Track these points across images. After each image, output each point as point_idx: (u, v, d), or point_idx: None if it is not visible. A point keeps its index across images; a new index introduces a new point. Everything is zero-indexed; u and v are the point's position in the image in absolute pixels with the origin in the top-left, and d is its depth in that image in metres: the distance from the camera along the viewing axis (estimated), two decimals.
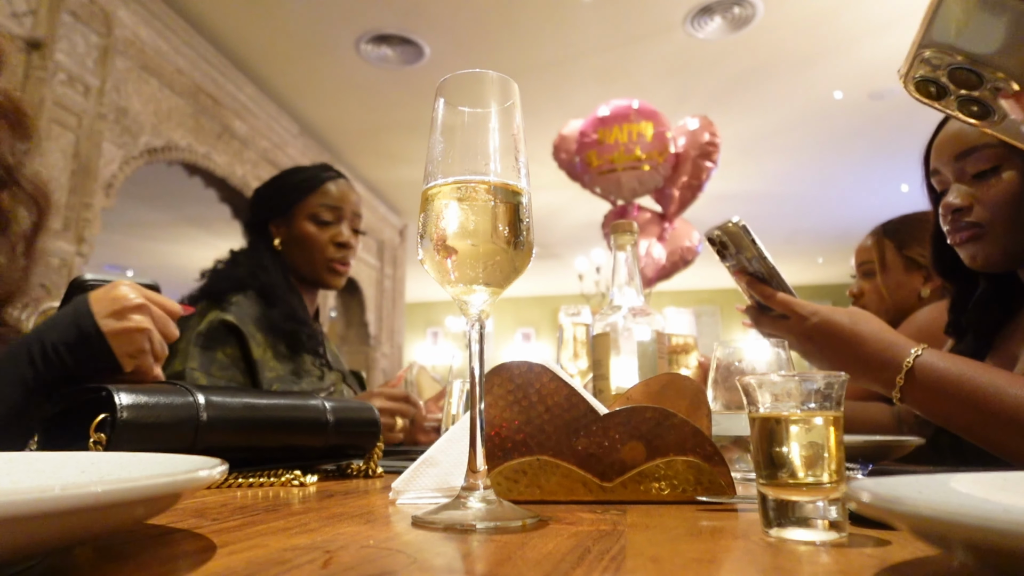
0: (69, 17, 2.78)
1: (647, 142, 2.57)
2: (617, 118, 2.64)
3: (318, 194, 1.50)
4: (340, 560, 0.32)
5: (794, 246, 7.42)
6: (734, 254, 0.90)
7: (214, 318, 1.29)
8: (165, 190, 5.22)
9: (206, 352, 1.26)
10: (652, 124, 2.56)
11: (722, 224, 0.87)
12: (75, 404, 0.62)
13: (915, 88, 0.50)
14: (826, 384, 0.40)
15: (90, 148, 2.85)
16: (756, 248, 0.87)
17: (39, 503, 0.23)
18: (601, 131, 2.67)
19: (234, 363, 1.29)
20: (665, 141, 2.53)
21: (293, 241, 1.48)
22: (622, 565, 0.32)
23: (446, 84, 0.50)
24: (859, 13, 3.40)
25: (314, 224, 1.48)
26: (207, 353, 1.26)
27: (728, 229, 0.87)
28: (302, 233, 1.48)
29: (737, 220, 0.86)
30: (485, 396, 0.51)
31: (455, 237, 0.47)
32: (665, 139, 2.53)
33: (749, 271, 0.91)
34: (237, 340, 1.29)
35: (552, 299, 9.60)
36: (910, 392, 0.80)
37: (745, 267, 0.90)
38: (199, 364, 1.23)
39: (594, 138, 2.66)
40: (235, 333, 1.29)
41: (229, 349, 1.29)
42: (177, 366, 1.21)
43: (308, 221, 1.48)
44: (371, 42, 3.68)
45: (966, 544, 0.25)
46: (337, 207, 1.50)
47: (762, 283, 0.90)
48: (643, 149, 2.57)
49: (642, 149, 2.57)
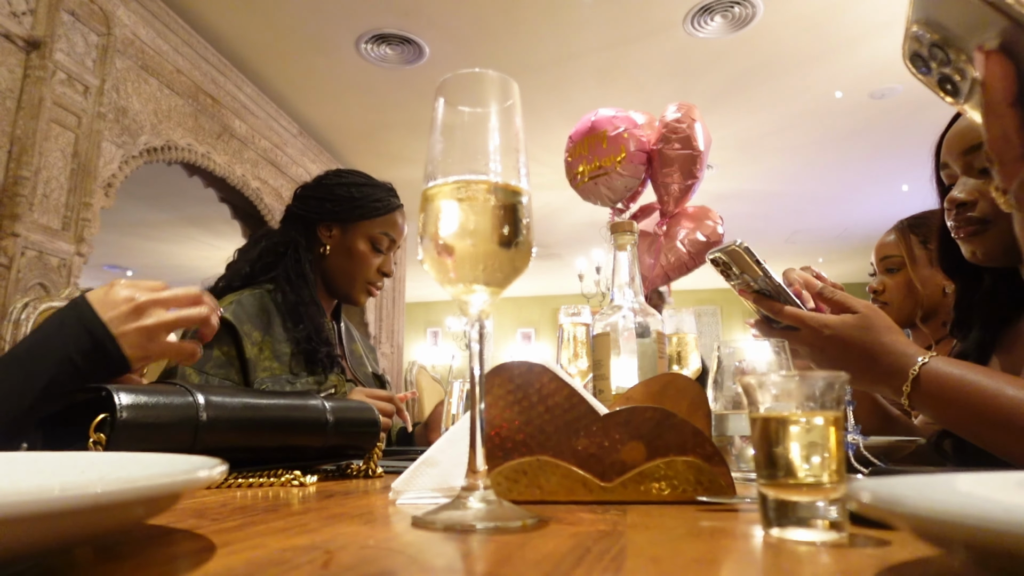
0: (68, 16, 2.78)
1: (603, 148, 2.62)
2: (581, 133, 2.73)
3: (386, 221, 1.47)
4: (340, 560, 0.32)
5: (794, 246, 7.42)
6: (738, 274, 0.91)
7: None
8: (165, 190, 5.22)
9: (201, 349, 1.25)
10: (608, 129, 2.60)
11: (724, 246, 0.89)
12: (75, 404, 0.62)
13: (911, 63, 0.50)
14: (826, 384, 0.40)
15: (89, 148, 2.85)
16: (761, 268, 0.88)
17: (39, 503, 0.23)
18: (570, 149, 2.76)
19: (229, 361, 1.27)
20: (621, 142, 2.56)
21: (342, 253, 1.45)
22: (622, 565, 0.32)
23: (446, 84, 0.50)
24: (860, 13, 3.40)
25: (370, 247, 1.45)
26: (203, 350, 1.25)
27: (731, 251, 0.88)
28: (355, 251, 1.44)
29: (740, 242, 0.87)
30: (485, 396, 0.51)
31: (455, 237, 0.47)
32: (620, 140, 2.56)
33: (755, 289, 0.91)
34: (232, 338, 1.27)
35: (552, 299, 9.60)
36: (917, 399, 0.81)
37: (751, 285, 0.91)
38: None
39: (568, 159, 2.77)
40: (231, 331, 1.27)
41: (225, 347, 1.27)
42: (171, 362, 1.20)
43: (365, 241, 1.45)
44: (371, 42, 3.67)
45: (967, 544, 0.25)
46: (395, 239, 1.49)
47: (769, 299, 0.91)
48: (599, 156, 2.62)
49: (599, 156, 2.62)
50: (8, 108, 2.55)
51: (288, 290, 1.37)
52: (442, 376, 2.59)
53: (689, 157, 2.52)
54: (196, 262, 7.44)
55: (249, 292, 1.35)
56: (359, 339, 1.65)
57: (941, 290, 1.58)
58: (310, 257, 1.44)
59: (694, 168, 2.53)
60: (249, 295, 1.34)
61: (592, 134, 2.69)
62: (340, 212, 1.44)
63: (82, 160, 2.81)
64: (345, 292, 1.47)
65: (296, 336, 1.33)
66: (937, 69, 0.47)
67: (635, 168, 2.59)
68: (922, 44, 0.47)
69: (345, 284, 1.46)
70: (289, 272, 1.39)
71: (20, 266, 2.50)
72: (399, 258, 6.40)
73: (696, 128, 2.54)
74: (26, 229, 2.52)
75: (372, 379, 1.56)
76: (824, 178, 5.63)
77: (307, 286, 1.38)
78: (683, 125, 2.52)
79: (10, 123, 2.55)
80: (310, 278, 1.40)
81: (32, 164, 2.55)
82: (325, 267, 1.46)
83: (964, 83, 0.46)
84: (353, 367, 1.52)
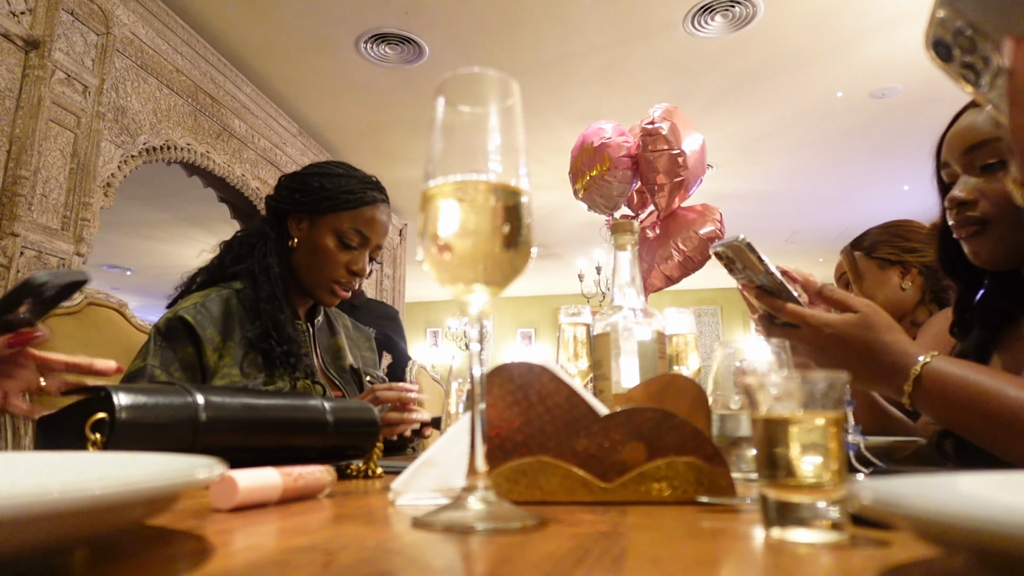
0: (67, 16, 2.78)
1: (591, 160, 2.72)
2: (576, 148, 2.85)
3: (354, 214, 1.35)
4: (340, 561, 0.32)
5: (794, 246, 7.42)
6: (741, 269, 0.91)
7: (172, 315, 1.21)
8: (164, 190, 5.22)
9: (167, 349, 1.18)
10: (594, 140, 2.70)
11: (727, 241, 0.89)
12: (74, 404, 0.62)
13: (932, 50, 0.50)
14: (827, 385, 0.39)
15: (89, 147, 2.85)
16: (762, 264, 0.88)
17: (38, 504, 0.23)
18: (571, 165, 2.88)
19: (193, 364, 1.20)
20: (605, 151, 2.66)
21: (308, 247, 1.36)
22: (623, 566, 0.32)
23: (446, 83, 0.49)
24: (860, 13, 3.40)
25: (337, 242, 1.34)
26: (168, 351, 1.18)
27: (733, 246, 0.89)
28: (320, 245, 1.34)
29: (742, 238, 0.88)
30: (485, 396, 0.51)
31: (455, 237, 0.47)
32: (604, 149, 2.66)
33: (758, 285, 0.92)
34: (192, 341, 1.20)
35: (552, 299, 9.60)
36: (919, 398, 0.81)
37: (754, 281, 0.92)
38: (160, 361, 1.16)
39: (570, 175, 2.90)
40: (191, 333, 1.20)
41: (189, 348, 1.20)
42: (139, 362, 1.15)
43: (331, 236, 1.34)
44: (371, 41, 3.67)
45: (968, 545, 0.25)
46: (367, 236, 1.36)
47: (771, 296, 0.91)
48: (589, 168, 2.72)
49: (589, 168, 2.72)
50: (7, 108, 2.55)
51: (249, 284, 1.30)
52: (442, 376, 2.58)
53: (670, 156, 2.54)
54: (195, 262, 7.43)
55: (216, 292, 1.28)
56: (346, 330, 1.56)
57: (898, 288, 1.67)
58: (278, 250, 1.36)
59: (678, 167, 2.55)
60: (216, 296, 1.28)
61: (583, 148, 2.80)
62: (309, 203, 1.35)
63: (81, 160, 2.81)
64: (310, 289, 1.37)
65: (250, 334, 1.25)
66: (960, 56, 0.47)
67: (622, 174, 2.66)
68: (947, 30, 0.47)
69: (309, 280, 1.36)
70: (255, 266, 1.32)
71: (19, 266, 2.50)
72: (399, 258, 6.40)
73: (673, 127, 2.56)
74: (25, 229, 2.52)
75: (349, 373, 1.46)
76: (824, 178, 5.63)
77: (269, 281, 1.31)
78: (659, 126, 2.55)
79: (9, 123, 2.54)
80: (274, 272, 1.32)
81: (31, 164, 2.55)
82: (293, 262, 1.37)
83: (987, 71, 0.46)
84: (327, 362, 1.44)
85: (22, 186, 2.51)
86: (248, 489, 0.49)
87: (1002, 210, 0.90)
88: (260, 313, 1.28)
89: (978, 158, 0.92)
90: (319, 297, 1.39)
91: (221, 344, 1.23)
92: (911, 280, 1.66)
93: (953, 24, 0.46)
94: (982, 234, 0.93)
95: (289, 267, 1.38)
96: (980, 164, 0.92)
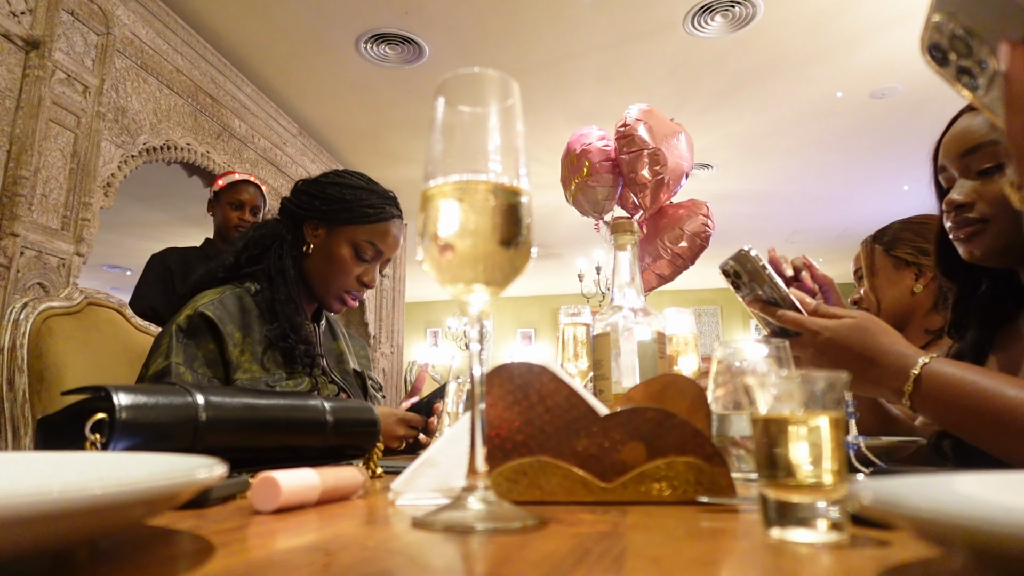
0: (67, 16, 2.77)
1: (575, 166, 2.75)
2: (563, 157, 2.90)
3: (374, 229, 1.39)
4: (340, 561, 0.32)
5: (794, 246, 7.42)
6: (747, 283, 0.92)
7: (192, 311, 1.22)
8: (164, 190, 5.22)
9: (190, 346, 1.19)
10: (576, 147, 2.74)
11: (734, 255, 0.91)
12: (74, 404, 0.62)
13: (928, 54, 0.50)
14: (827, 384, 0.40)
15: (89, 147, 2.85)
16: (766, 273, 0.89)
17: (38, 504, 0.23)
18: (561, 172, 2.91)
19: (215, 360, 1.22)
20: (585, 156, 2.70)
21: (323, 254, 1.39)
22: (623, 566, 0.32)
23: (446, 83, 0.49)
24: (860, 13, 3.40)
25: (352, 253, 1.38)
26: (191, 347, 1.19)
27: (739, 257, 0.90)
28: (335, 254, 1.38)
29: (748, 248, 0.89)
30: (485, 396, 0.51)
31: (455, 237, 0.47)
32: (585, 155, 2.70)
33: (763, 299, 0.92)
34: (214, 337, 1.22)
35: (552, 299, 9.60)
36: (919, 400, 0.81)
37: (759, 295, 0.92)
38: (184, 358, 1.17)
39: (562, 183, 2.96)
40: (213, 329, 1.22)
41: (211, 344, 1.22)
42: (161, 362, 1.16)
43: (347, 247, 1.38)
44: (371, 41, 3.67)
45: (967, 545, 0.25)
46: (381, 250, 1.41)
47: (773, 306, 0.92)
48: (574, 174, 2.76)
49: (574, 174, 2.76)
50: (7, 108, 2.55)
51: (266, 286, 1.33)
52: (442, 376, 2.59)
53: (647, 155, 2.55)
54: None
55: (231, 290, 1.31)
56: (344, 336, 1.60)
57: (909, 291, 1.64)
58: (294, 253, 1.39)
59: (656, 165, 2.56)
60: (231, 293, 1.30)
61: (568, 155, 2.81)
62: (328, 212, 1.38)
63: (81, 160, 2.81)
64: (319, 295, 1.41)
65: (270, 334, 1.28)
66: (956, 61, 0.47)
67: (604, 178, 2.68)
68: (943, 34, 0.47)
69: (320, 287, 1.40)
70: (271, 267, 1.35)
71: (19, 266, 2.50)
72: (399, 258, 6.40)
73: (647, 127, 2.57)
74: (25, 229, 2.52)
75: (352, 376, 1.51)
76: (824, 178, 5.63)
77: (285, 283, 1.34)
78: (631, 126, 2.57)
79: (9, 123, 2.54)
80: (290, 275, 1.35)
81: (31, 164, 2.55)
82: (305, 267, 1.40)
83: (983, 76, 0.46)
84: (331, 366, 1.47)
85: (22, 186, 2.51)
86: (290, 490, 0.48)
87: (998, 211, 0.90)
88: (277, 314, 1.30)
89: (975, 162, 0.92)
90: (327, 304, 1.43)
91: (241, 340, 1.26)
92: (924, 284, 1.62)
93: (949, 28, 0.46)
94: (981, 234, 0.93)
95: (301, 271, 1.41)
96: (977, 168, 0.92)
